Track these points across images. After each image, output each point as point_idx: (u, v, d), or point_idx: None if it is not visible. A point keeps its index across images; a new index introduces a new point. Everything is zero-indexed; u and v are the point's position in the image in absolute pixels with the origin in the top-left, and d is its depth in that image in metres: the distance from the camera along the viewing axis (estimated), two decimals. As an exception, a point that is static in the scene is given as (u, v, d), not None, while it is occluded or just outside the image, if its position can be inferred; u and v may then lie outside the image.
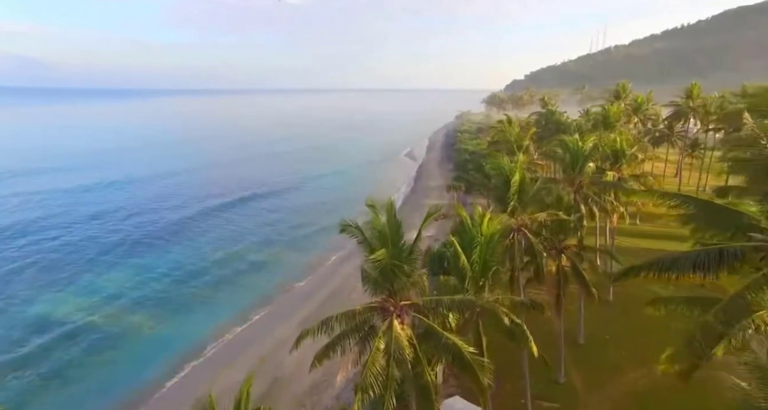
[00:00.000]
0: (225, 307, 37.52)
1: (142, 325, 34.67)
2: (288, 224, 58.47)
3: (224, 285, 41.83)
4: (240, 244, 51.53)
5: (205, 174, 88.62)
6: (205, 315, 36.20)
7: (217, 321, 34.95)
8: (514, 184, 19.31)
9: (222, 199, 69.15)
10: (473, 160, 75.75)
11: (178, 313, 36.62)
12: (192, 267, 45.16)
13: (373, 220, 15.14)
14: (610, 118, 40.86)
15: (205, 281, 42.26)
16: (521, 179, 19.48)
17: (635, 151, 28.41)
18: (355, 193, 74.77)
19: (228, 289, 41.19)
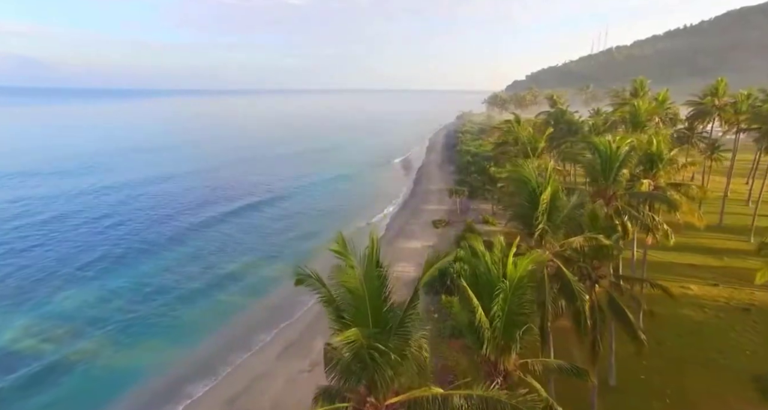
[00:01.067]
0: (190, 332, 32.95)
1: (101, 353, 30.10)
2: (281, 237, 53.56)
3: (193, 302, 37.24)
4: (224, 259, 46.82)
5: (196, 178, 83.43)
6: (171, 342, 31.64)
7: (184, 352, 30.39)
8: (544, 201, 14.70)
9: (209, 207, 63.82)
10: (476, 163, 71.35)
11: (147, 338, 32.07)
12: (165, 284, 40.57)
13: (343, 275, 10.49)
14: (639, 116, 36.03)
15: (173, 297, 37.68)
16: (554, 194, 14.87)
17: (674, 154, 23.86)
18: (352, 202, 70.13)
19: (205, 306, 36.66)
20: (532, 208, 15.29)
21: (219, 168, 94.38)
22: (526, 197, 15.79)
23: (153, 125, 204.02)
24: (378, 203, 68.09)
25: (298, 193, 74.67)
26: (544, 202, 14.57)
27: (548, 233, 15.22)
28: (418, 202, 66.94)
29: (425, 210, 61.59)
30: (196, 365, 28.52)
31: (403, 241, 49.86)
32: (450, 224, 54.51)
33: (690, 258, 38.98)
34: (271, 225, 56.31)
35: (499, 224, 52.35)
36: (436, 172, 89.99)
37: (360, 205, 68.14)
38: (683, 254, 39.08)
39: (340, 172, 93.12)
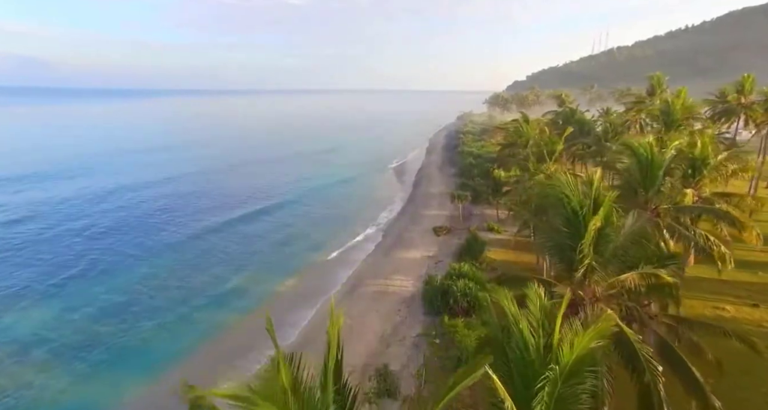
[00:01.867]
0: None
1: (47, 386, 26.10)
2: (270, 250, 49.25)
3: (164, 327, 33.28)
4: (207, 271, 42.72)
5: (192, 182, 78.56)
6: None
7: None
8: (592, 230, 10.61)
9: (199, 214, 59.18)
10: (479, 165, 67.45)
11: (107, 368, 28.11)
12: (139, 300, 36.61)
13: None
14: (674, 115, 31.94)
15: (146, 316, 33.69)
16: (606, 218, 10.80)
17: (723, 159, 19.93)
18: (347, 210, 66.05)
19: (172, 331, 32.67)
20: (572, 236, 11.30)
21: (217, 171, 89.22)
22: (564, 221, 11.73)
23: (153, 126, 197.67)
24: (375, 210, 64.17)
25: (293, 200, 69.90)
26: (592, 230, 10.53)
27: (595, 271, 11.23)
28: (417, 207, 62.98)
29: (425, 216, 57.64)
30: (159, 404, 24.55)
31: (401, 251, 45.89)
32: (452, 231, 50.59)
33: (719, 272, 35.01)
34: (264, 237, 51.79)
35: (505, 231, 48.50)
36: (436, 174, 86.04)
37: (358, 211, 64.26)
38: (710, 267, 35.14)
39: (338, 174, 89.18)
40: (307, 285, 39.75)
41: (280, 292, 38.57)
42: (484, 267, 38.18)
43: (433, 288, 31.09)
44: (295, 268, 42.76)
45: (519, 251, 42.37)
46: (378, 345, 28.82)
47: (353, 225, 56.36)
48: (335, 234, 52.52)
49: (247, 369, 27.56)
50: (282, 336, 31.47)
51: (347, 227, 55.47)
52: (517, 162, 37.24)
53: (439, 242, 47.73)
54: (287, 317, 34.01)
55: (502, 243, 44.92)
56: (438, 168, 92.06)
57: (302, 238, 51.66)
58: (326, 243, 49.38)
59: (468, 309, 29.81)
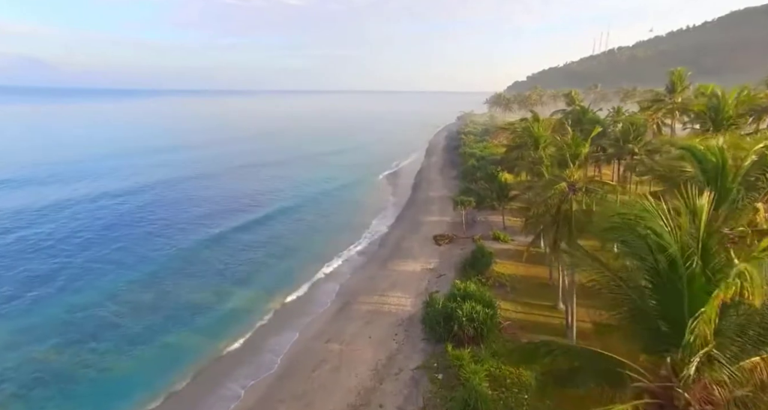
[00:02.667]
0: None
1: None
2: (261, 264, 45.06)
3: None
4: (188, 286, 38.68)
5: (187, 186, 73.63)
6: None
7: None
8: (717, 299, 6.11)
9: (188, 223, 54.13)
10: (482, 167, 63.42)
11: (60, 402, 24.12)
12: (107, 320, 32.60)
13: None
14: (726, 112, 27.66)
15: (113, 339, 29.68)
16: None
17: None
18: (343, 216, 61.94)
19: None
20: (667, 300, 7.05)
21: (214, 175, 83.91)
22: (651, 273, 7.38)
23: (152, 126, 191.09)
24: (372, 216, 60.23)
25: (288, 206, 65.38)
26: (717, 300, 6.16)
27: (714, 361, 7.04)
28: (416, 212, 58.97)
29: (425, 223, 53.62)
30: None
31: (398, 262, 41.86)
32: (454, 240, 46.59)
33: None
34: (252, 248, 46.88)
35: (512, 241, 44.52)
36: (436, 176, 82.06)
37: (354, 217, 60.34)
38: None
39: (335, 177, 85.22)
40: (295, 302, 35.75)
41: (265, 310, 34.52)
42: (491, 283, 34.24)
43: (434, 311, 27.07)
44: (283, 283, 38.68)
45: (530, 263, 38.39)
46: (370, 379, 24.79)
47: (349, 233, 52.33)
48: (329, 244, 48.47)
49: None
50: (262, 365, 27.56)
51: (342, 235, 51.45)
52: (528, 165, 33.28)
53: (441, 252, 43.73)
54: (269, 342, 30.06)
55: (509, 254, 40.93)
56: (438, 170, 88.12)
57: (293, 249, 47.53)
58: (319, 254, 45.31)
59: (475, 337, 25.82)
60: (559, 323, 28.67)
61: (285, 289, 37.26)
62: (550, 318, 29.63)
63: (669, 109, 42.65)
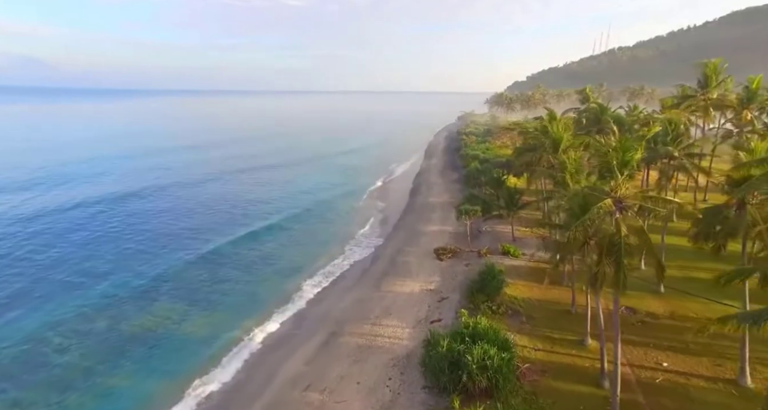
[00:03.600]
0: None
1: None
2: (227, 288, 39.88)
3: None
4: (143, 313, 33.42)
5: (170, 195, 67.35)
6: None
7: None
8: None
9: (150, 244, 46.69)
10: (486, 171, 58.14)
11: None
12: (45, 356, 27.33)
13: None
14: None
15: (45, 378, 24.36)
16: None
17: None
18: (333, 225, 56.82)
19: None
20: None
21: (206, 181, 77.44)
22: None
23: (148, 127, 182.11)
24: (367, 225, 55.14)
25: (280, 216, 60.33)
26: None
27: None
28: (415, 220, 53.69)
29: (424, 233, 48.34)
30: None
31: (394, 281, 36.57)
32: (457, 254, 41.31)
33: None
34: (234, 265, 41.56)
35: (524, 255, 39.30)
36: (436, 179, 76.80)
37: (346, 225, 55.19)
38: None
39: (330, 181, 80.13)
40: (272, 335, 30.44)
41: (234, 341, 29.30)
42: (503, 311, 28.97)
43: (437, 354, 21.77)
44: (259, 309, 33.43)
45: (543, 282, 33.14)
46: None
47: (339, 245, 47.17)
48: (316, 258, 43.28)
49: None
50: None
51: (332, 248, 46.29)
52: (546, 172, 28.09)
53: (442, 269, 38.44)
54: (234, 392, 24.72)
55: (521, 272, 35.69)
56: (438, 172, 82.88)
57: (279, 264, 42.29)
58: (304, 271, 40.12)
59: (489, 389, 20.55)
60: (589, 366, 23.38)
61: (260, 317, 31.99)
62: (578, 358, 24.33)
63: (701, 106, 37.52)
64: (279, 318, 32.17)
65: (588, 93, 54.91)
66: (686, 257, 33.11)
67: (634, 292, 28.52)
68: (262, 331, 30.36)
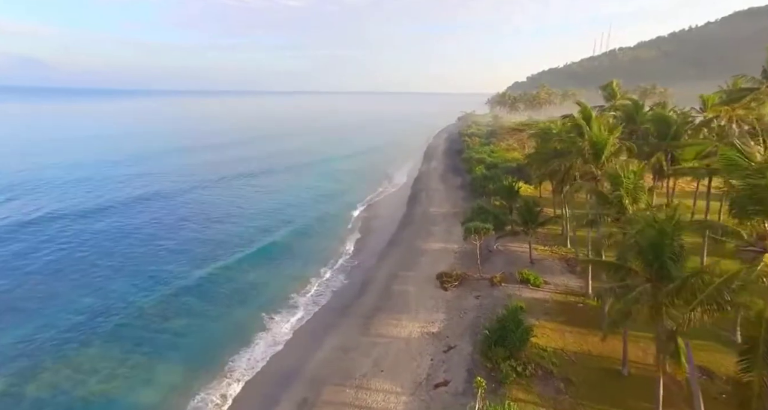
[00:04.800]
0: None
1: None
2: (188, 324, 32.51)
3: None
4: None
5: (150, 207, 58.81)
6: None
7: None
8: None
9: (113, 270, 38.82)
10: (495, 178, 50.96)
11: None
12: None
13: None
14: None
15: None
16: None
17: None
18: (309, 246, 49.53)
19: None
20: None
21: (193, 190, 68.92)
22: None
23: (143, 128, 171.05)
24: (355, 242, 48.08)
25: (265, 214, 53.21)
26: None
27: None
28: (413, 235, 46.38)
29: (425, 252, 41.06)
30: None
31: (387, 319, 29.26)
32: (465, 280, 34.05)
33: None
34: (201, 298, 34.15)
35: (546, 284, 32.14)
36: (438, 185, 69.57)
37: (330, 240, 48.06)
38: None
39: (319, 187, 73.04)
40: (238, 398, 23.14)
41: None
42: (530, 372, 21.72)
43: None
44: (219, 360, 26.09)
45: (579, 324, 26.01)
46: None
47: (322, 265, 39.91)
48: (294, 282, 36.00)
49: None
50: None
51: (313, 268, 39.02)
52: (594, 189, 20.90)
53: (448, 302, 31.17)
54: None
55: (547, 308, 28.57)
56: (439, 177, 75.66)
57: (247, 293, 34.96)
58: (276, 301, 32.85)
59: None
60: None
61: (214, 372, 24.64)
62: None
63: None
64: (238, 375, 24.83)
65: (615, 88, 47.77)
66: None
67: (700, 342, 21.41)
68: (215, 396, 23.00)
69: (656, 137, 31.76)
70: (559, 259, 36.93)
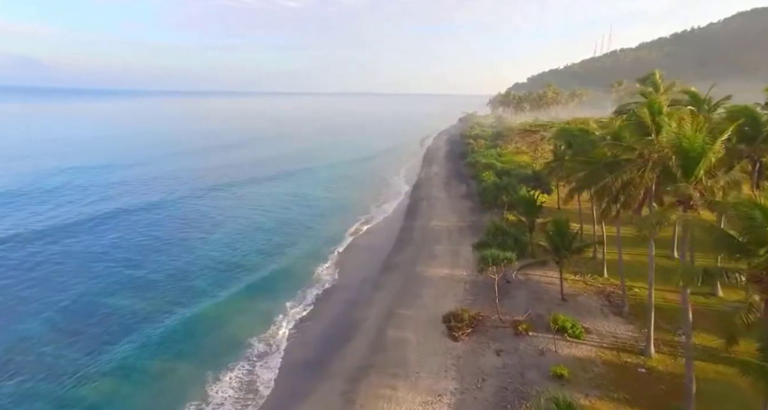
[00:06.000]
0: None
1: None
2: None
3: None
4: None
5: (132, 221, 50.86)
6: None
7: None
8: None
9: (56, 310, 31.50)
10: (509, 187, 43.35)
11: None
12: None
13: None
14: None
15: None
16: None
17: None
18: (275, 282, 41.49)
19: None
20: None
21: (176, 201, 59.97)
22: None
23: (135, 130, 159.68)
24: (332, 270, 40.48)
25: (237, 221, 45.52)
26: None
27: None
28: (413, 258, 38.52)
29: (427, 281, 33.25)
30: None
31: (376, 389, 21.45)
32: (480, 325, 26.25)
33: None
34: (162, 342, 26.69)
35: (588, 333, 24.50)
36: (439, 194, 61.82)
37: (308, 267, 40.40)
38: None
39: (306, 195, 65.45)
40: None
41: None
42: None
43: None
44: None
45: (648, 406, 18.37)
46: None
47: (289, 296, 32.12)
48: (255, 329, 28.10)
49: None
50: None
51: (283, 304, 31.22)
52: (700, 223, 13.27)
53: (458, 360, 23.37)
54: None
55: (596, 376, 20.89)
56: (442, 184, 67.91)
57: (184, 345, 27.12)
58: (227, 358, 25.01)
59: None
60: None
61: None
62: None
63: None
64: None
65: (658, 80, 39.84)
66: None
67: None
68: None
69: (739, 140, 24.24)
70: (597, 294, 29.30)
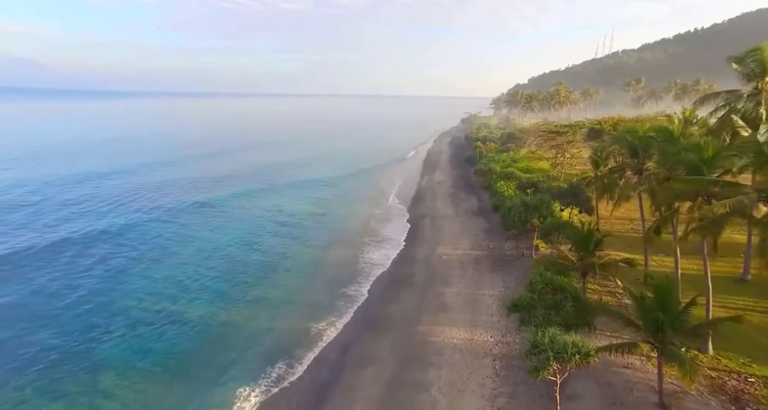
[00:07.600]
0: None
1: None
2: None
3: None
4: None
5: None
6: None
7: None
8: None
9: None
10: (539, 207, 33.00)
11: None
12: None
13: None
14: None
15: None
16: None
17: None
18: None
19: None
20: None
21: (131, 226, 44.90)
22: None
23: (132, 131, 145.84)
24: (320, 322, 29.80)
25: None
26: None
27: None
28: (415, 308, 27.93)
29: (436, 357, 22.69)
30: None
31: None
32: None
33: None
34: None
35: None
36: (446, 210, 51.29)
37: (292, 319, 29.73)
38: None
39: (294, 212, 54.96)
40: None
41: None
42: None
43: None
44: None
45: None
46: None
47: (241, 379, 21.52)
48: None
49: None
50: None
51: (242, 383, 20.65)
52: None
53: None
54: None
55: None
56: (448, 197, 57.36)
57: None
58: None
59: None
60: None
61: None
62: None
63: None
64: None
65: (766, 59, 29.29)
66: None
67: None
68: None
69: None
70: (710, 390, 18.71)
